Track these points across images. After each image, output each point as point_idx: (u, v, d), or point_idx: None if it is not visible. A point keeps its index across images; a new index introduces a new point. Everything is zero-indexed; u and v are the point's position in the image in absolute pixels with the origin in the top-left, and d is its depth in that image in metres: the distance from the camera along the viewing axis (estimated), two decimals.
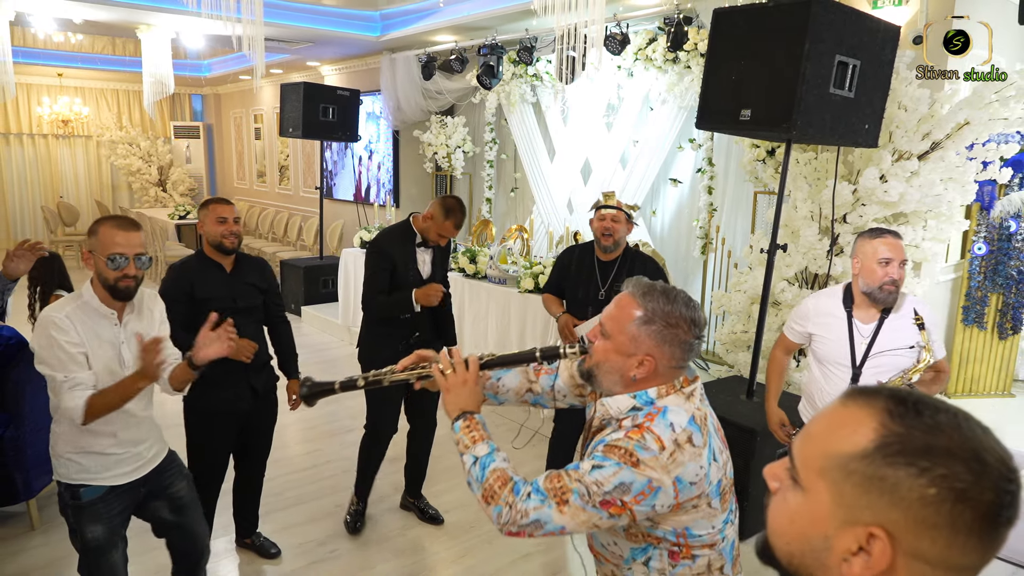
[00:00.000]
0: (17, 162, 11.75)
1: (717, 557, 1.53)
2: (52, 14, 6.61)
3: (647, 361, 1.46)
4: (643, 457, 1.38)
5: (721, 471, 1.48)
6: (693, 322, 1.47)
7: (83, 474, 2.12)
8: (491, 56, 6.55)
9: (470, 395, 1.62)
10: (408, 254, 3.30)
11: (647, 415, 1.44)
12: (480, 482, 1.46)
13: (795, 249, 3.92)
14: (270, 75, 10.61)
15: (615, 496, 1.37)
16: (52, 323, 2.01)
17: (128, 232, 2.07)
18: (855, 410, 0.72)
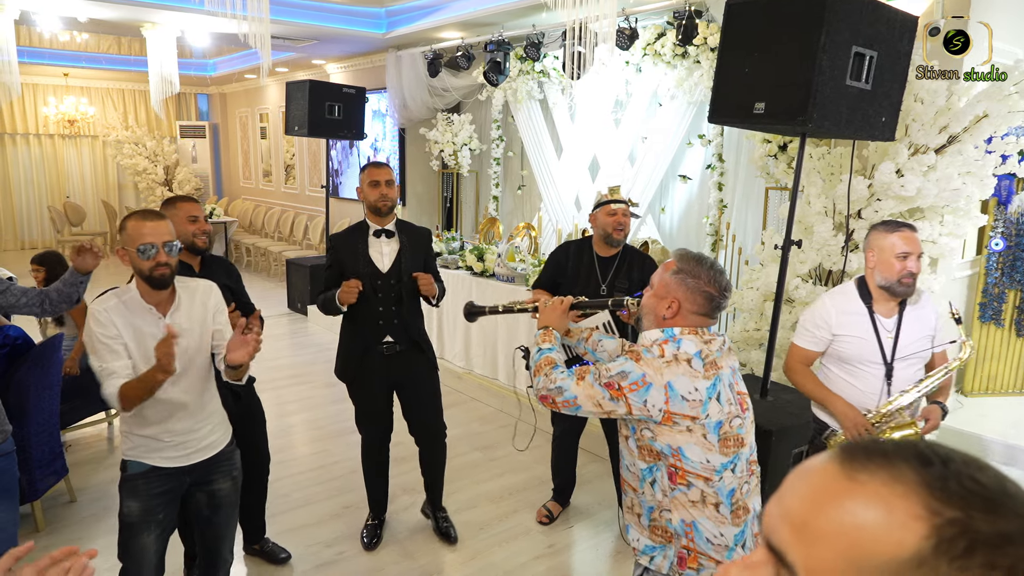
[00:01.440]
0: (23, 162, 11.76)
1: (712, 493, 1.75)
2: (57, 12, 6.59)
3: (673, 303, 1.82)
4: (644, 356, 1.76)
5: (724, 416, 1.74)
6: (713, 279, 1.81)
7: (134, 450, 2.21)
8: (498, 52, 6.49)
9: (557, 317, 2.13)
10: (357, 244, 3.10)
11: (664, 340, 1.79)
12: (536, 361, 1.94)
13: (809, 245, 3.85)
14: (276, 74, 10.59)
15: (615, 379, 1.74)
16: (93, 316, 2.10)
17: (155, 222, 2.13)
18: (879, 488, 0.51)
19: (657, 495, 1.80)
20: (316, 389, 5.55)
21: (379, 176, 3.10)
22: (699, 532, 1.76)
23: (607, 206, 3.23)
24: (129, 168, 12.35)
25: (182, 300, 2.23)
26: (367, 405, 3.25)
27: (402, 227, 3.21)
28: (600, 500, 3.80)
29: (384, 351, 3.14)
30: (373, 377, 3.18)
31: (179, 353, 2.14)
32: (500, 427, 4.85)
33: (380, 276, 3.10)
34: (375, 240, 3.13)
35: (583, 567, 3.29)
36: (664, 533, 1.81)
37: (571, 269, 3.32)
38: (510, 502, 3.79)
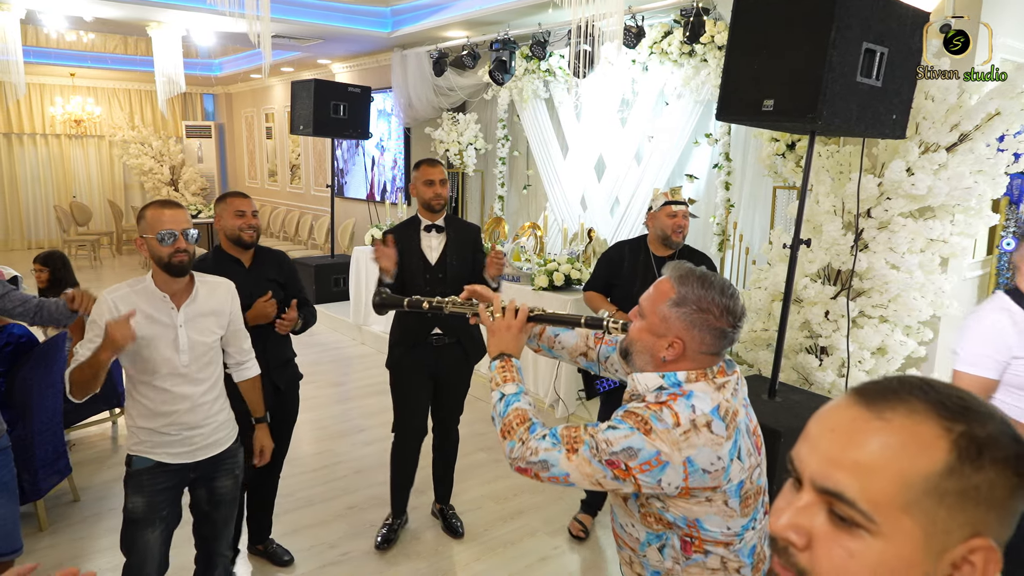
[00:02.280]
0: (30, 162, 11.80)
1: (733, 558, 1.49)
2: (63, 12, 6.59)
3: (676, 344, 1.46)
4: (656, 427, 1.39)
5: (745, 473, 1.45)
6: (727, 310, 1.46)
7: (139, 445, 2.22)
8: (503, 51, 6.47)
9: (512, 340, 1.68)
10: (411, 239, 3.20)
11: (671, 395, 1.45)
12: (501, 417, 1.54)
13: (818, 244, 3.81)
14: (281, 73, 10.59)
15: (621, 459, 1.38)
16: (100, 302, 2.15)
17: (173, 210, 2.18)
18: (903, 420, 0.62)
19: (666, 562, 1.51)
20: (321, 389, 5.53)
21: (434, 175, 3.18)
22: None
23: (668, 207, 3.20)
24: (135, 168, 12.37)
25: (199, 294, 2.25)
26: (409, 396, 3.26)
27: (450, 222, 3.29)
28: (609, 501, 3.77)
29: (433, 343, 3.19)
30: (419, 367, 3.22)
31: (189, 346, 2.20)
32: None
33: (429, 269, 3.18)
34: (426, 234, 3.22)
35: (589, 569, 3.26)
36: None
37: (627, 269, 3.30)
38: (515, 503, 3.77)
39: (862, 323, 3.75)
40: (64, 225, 11.27)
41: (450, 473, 3.52)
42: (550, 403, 4.79)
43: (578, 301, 4.71)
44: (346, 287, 7.54)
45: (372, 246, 3.07)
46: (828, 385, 3.80)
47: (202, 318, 2.25)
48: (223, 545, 2.48)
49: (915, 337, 3.78)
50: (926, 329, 3.76)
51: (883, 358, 3.76)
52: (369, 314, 6.83)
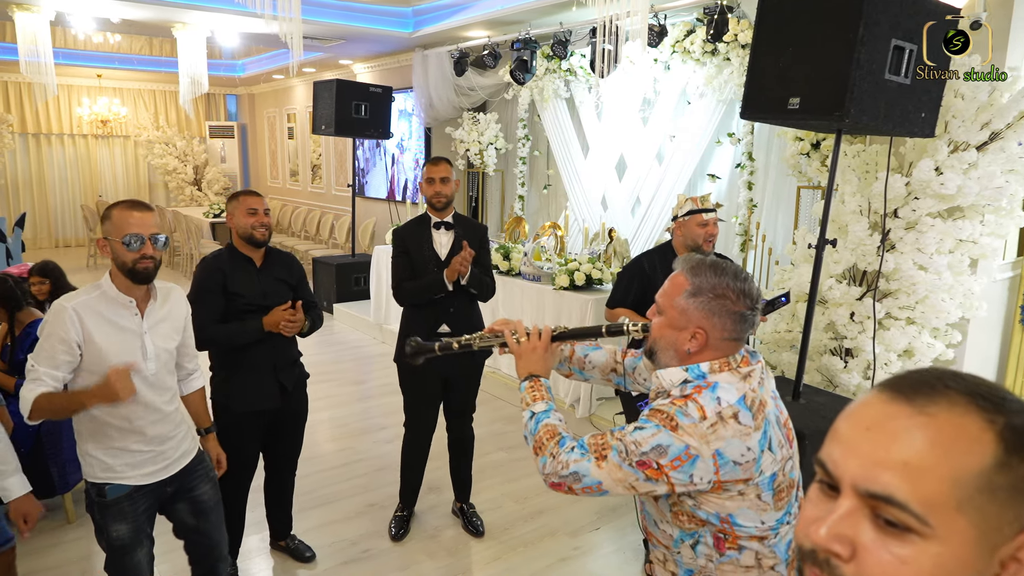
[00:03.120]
0: (58, 162, 12.00)
1: (768, 554, 1.47)
2: (91, 13, 6.69)
3: (698, 334, 1.47)
4: (682, 423, 1.38)
5: (777, 465, 1.44)
6: (743, 293, 1.47)
7: (108, 472, 2.07)
8: (524, 51, 6.46)
9: (539, 361, 1.69)
10: (421, 236, 3.23)
11: (695, 387, 1.44)
12: (532, 435, 1.55)
13: (843, 245, 3.76)
14: (303, 74, 10.67)
15: (651, 458, 1.38)
16: (56, 311, 1.97)
17: (142, 212, 2.03)
18: (947, 415, 0.60)
19: (699, 560, 1.50)
20: (341, 387, 5.56)
21: (434, 173, 3.19)
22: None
23: (698, 216, 3.11)
24: (159, 168, 12.55)
25: (159, 299, 2.15)
26: (419, 392, 3.30)
27: (459, 220, 3.31)
28: (627, 501, 3.75)
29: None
30: (429, 364, 3.20)
31: (155, 353, 2.09)
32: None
33: (440, 264, 3.20)
34: (436, 231, 3.25)
35: (609, 570, 3.24)
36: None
37: (660, 280, 3.20)
38: (535, 503, 3.76)
39: (888, 325, 3.69)
40: (90, 224, 11.44)
41: (467, 471, 3.54)
42: (571, 403, 4.78)
43: (599, 301, 4.69)
44: (366, 286, 7.57)
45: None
46: (853, 387, 3.75)
47: (163, 324, 2.14)
48: (222, 552, 2.39)
49: (943, 339, 3.72)
50: (954, 331, 3.70)
51: (910, 360, 3.71)
52: (389, 313, 6.86)
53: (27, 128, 11.57)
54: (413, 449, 3.40)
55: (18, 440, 3.14)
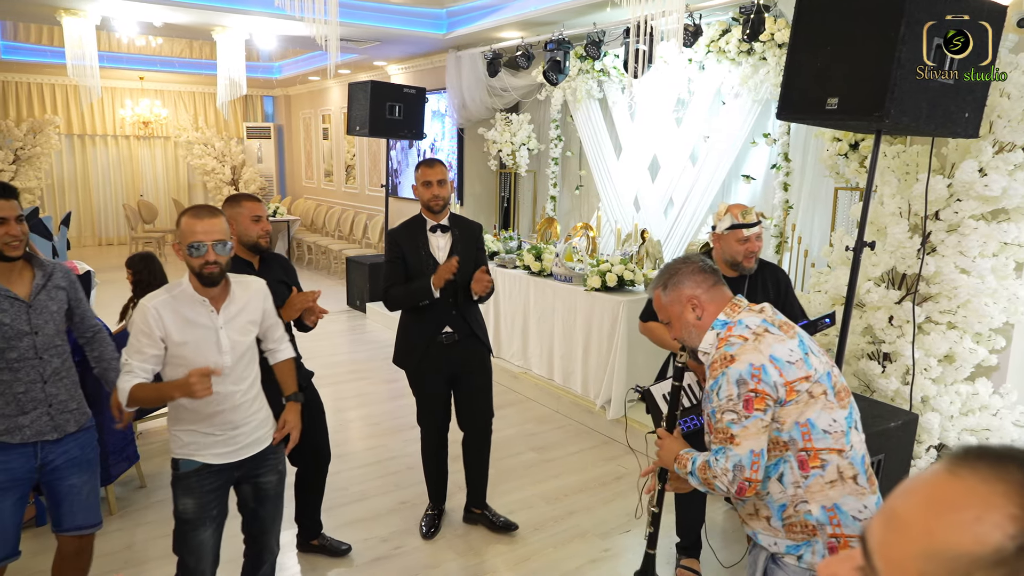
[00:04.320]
0: (102, 162, 12.33)
1: (847, 465, 1.64)
2: (135, 18, 6.87)
3: (691, 302, 1.81)
4: (733, 352, 1.66)
5: (826, 367, 1.70)
6: (684, 259, 1.88)
7: (183, 449, 2.24)
8: (557, 51, 6.46)
9: (671, 445, 1.90)
10: (417, 239, 3.18)
11: (726, 329, 1.75)
12: (702, 484, 1.73)
13: (882, 247, 3.69)
14: (338, 75, 10.80)
15: (743, 393, 1.61)
16: (140, 309, 2.14)
17: (205, 220, 2.13)
18: (975, 485, 0.48)
19: (788, 490, 1.67)
20: (374, 385, 5.62)
21: (431, 176, 3.15)
22: (844, 513, 1.64)
23: (738, 231, 2.89)
24: (198, 168, 12.83)
25: (235, 295, 2.25)
26: (427, 394, 3.31)
27: (455, 221, 3.28)
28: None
29: (444, 341, 3.20)
30: (433, 366, 3.24)
31: (231, 346, 2.21)
32: (556, 428, 4.82)
33: (438, 268, 3.15)
34: (432, 235, 3.21)
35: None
36: (805, 528, 1.67)
37: None
38: (566, 503, 3.76)
39: (928, 329, 3.61)
40: (132, 223, 11.74)
41: (484, 477, 3.48)
42: (601, 404, 4.77)
43: (631, 302, 4.67)
44: None
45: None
46: (891, 393, 3.68)
47: (240, 318, 2.26)
48: (272, 540, 2.51)
49: (986, 345, 3.62)
50: (998, 336, 3.60)
51: (951, 366, 3.62)
52: None
53: (72, 129, 11.91)
54: (427, 447, 3.41)
55: None
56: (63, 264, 2.47)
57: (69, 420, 2.38)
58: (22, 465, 2.29)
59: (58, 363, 2.36)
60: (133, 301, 4.16)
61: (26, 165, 11.09)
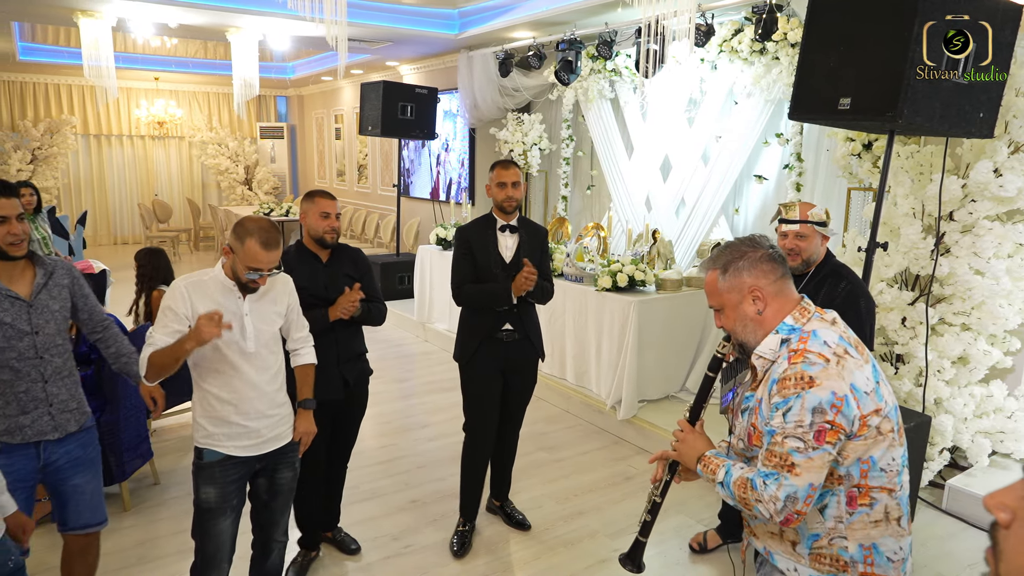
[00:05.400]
0: (117, 162, 12.45)
1: (895, 506, 1.54)
2: (151, 19, 6.94)
3: (754, 293, 1.58)
4: (814, 373, 1.45)
5: (894, 398, 1.54)
6: (752, 242, 1.63)
7: (208, 439, 2.29)
8: (569, 51, 6.46)
9: (694, 444, 1.72)
10: (487, 238, 3.22)
11: (799, 339, 1.52)
12: (733, 498, 1.55)
13: (895, 248, 3.67)
14: (351, 76, 10.85)
15: (818, 422, 1.43)
16: (173, 289, 2.22)
17: (270, 252, 2.22)
18: None
19: (828, 523, 1.54)
20: (386, 384, 5.64)
21: (506, 178, 3.21)
22: (880, 553, 1.54)
23: (780, 225, 2.79)
24: (212, 168, 12.93)
25: (262, 287, 2.33)
26: (480, 389, 3.29)
27: (523, 223, 3.32)
28: (670, 504, 3.72)
29: (504, 337, 3.23)
30: (489, 362, 3.26)
31: (255, 333, 2.29)
32: (566, 428, 4.82)
33: (505, 267, 3.21)
34: (501, 234, 3.26)
35: (650, 573, 3.22)
36: (836, 562, 1.55)
37: None
38: (576, 503, 3.76)
39: (942, 331, 3.59)
40: (147, 222, 11.85)
41: (509, 471, 3.57)
42: (611, 405, 4.76)
43: (642, 302, 4.66)
44: (411, 285, 7.66)
45: None
46: (904, 395, 3.66)
47: (265, 307, 2.34)
48: (279, 531, 2.58)
49: (1000, 347, 3.60)
50: (1013, 338, 3.57)
51: (965, 368, 3.59)
52: (433, 312, 6.94)
53: (89, 129, 12.04)
54: (475, 453, 3.33)
55: None
56: (65, 261, 2.47)
57: (70, 420, 2.39)
58: (25, 466, 2.31)
59: (59, 362, 2.36)
60: (139, 295, 4.22)
61: (43, 165, 11.22)
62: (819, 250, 2.77)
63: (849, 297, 2.64)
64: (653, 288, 4.96)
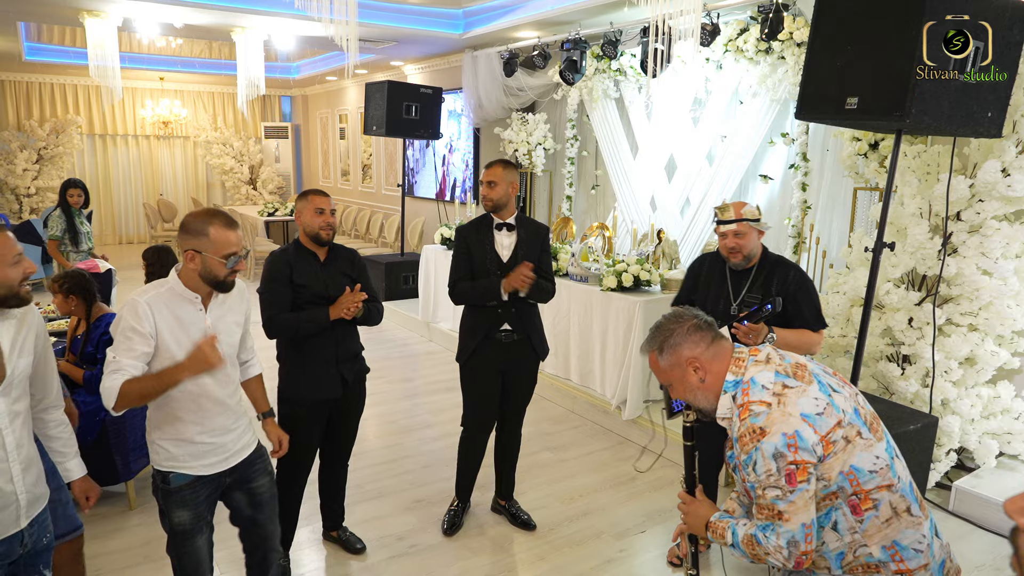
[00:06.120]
0: (122, 162, 12.48)
1: (899, 499, 1.60)
2: (156, 19, 6.95)
3: (691, 364, 1.72)
4: (761, 424, 1.56)
5: (850, 402, 1.62)
6: (676, 316, 1.77)
7: (171, 461, 2.17)
8: (574, 51, 6.45)
9: (699, 509, 1.83)
10: (484, 236, 3.23)
11: (742, 392, 1.64)
12: (745, 556, 1.66)
13: (901, 248, 3.66)
14: (355, 75, 10.86)
15: (784, 467, 1.53)
16: (130, 305, 2.04)
17: (236, 230, 2.14)
18: None
19: (845, 537, 1.63)
20: (390, 384, 5.65)
21: (483, 177, 3.25)
22: (904, 548, 1.61)
23: (717, 227, 2.92)
24: (217, 167, 12.95)
25: (219, 295, 2.21)
26: (479, 387, 3.32)
27: (522, 221, 3.31)
28: (673, 505, 3.71)
29: (502, 338, 3.24)
30: (488, 360, 3.28)
31: (220, 347, 2.10)
32: (571, 428, 4.82)
33: (502, 266, 3.21)
34: (498, 233, 3.26)
35: (655, 574, 3.22)
36: (868, 569, 1.63)
37: (703, 284, 3.10)
38: (581, 503, 3.76)
39: (949, 331, 3.57)
40: (152, 222, 11.88)
41: (513, 471, 3.57)
42: (616, 405, 4.76)
43: (647, 302, 4.65)
44: (415, 285, 7.67)
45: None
46: (910, 395, 3.64)
47: (227, 318, 2.22)
48: (275, 542, 2.48)
49: (1008, 347, 3.58)
50: (1020, 339, 3.56)
51: (972, 368, 3.58)
52: (437, 311, 6.94)
53: (94, 129, 12.07)
54: (470, 447, 3.41)
55: (84, 430, 3.29)
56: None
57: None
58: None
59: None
60: None
61: (49, 164, 11.25)
62: (757, 245, 2.93)
63: (801, 282, 2.88)
64: (658, 288, 4.95)
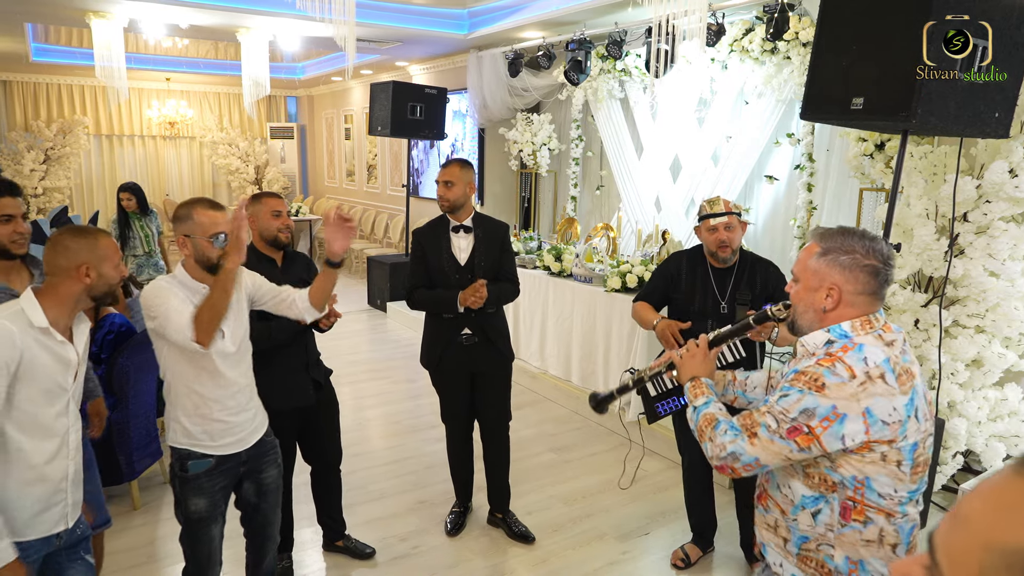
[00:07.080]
0: (129, 162, 12.52)
1: (892, 532, 1.49)
2: (162, 20, 6.97)
3: (832, 290, 1.53)
4: (828, 382, 1.43)
5: (920, 436, 1.48)
6: (871, 249, 1.52)
7: (189, 439, 2.23)
8: (579, 51, 6.44)
9: (700, 363, 1.78)
10: (439, 238, 3.17)
11: (842, 347, 1.49)
12: (696, 425, 1.63)
13: (908, 249, 3.63)
14: (360, 76, 10.87)
15: (800, 422, 1.44)
16: (158, 287, 2.14)
17: (221, 210, 2.21)
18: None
19: (818, 528, 1.54)
20: (394, 384, 5.65)
21: (440, 176, 3.19)
22: (866, 572, 1.51)
23: (706, 221, 2.91)
24: (223, 168, 12.98)
25: None
26: (449, 394, 3.34)
27: (479, 221, 3.24)
28: (679, 507, 3.70)
29: (463, 342, 3.20)
30: (454, 367, 3.26)
31: (231, 336, 2.23)
32: (574, 429, 4.80)
33: (459, 269, 3.16)
34: (455, 235, 3.20)
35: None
36: (820, 568, 1.55)
37: (685, 284, 3.05)
38: (584, 505, 3.74)
39: (956, 333, 3.55)
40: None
41: (504, 479, 3.47)
42: (620, 406, 4.74)
43: None
44: None
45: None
46: None
47: (235, 303, 2.27)
48: (273, 531, 2.56)
49: (1016, 349, 3.55)
50: None
51: (978, 370, 3.55)
52: None
53: (101, 130, 12.11)
54: (451, 446, 3.43)
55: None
56: None
57: None
58: None
59: None
60: None
61: (56, 165, 11.29)
62: (741, 239, 2.97)
63: (780, 278, 2.94)
64: None
